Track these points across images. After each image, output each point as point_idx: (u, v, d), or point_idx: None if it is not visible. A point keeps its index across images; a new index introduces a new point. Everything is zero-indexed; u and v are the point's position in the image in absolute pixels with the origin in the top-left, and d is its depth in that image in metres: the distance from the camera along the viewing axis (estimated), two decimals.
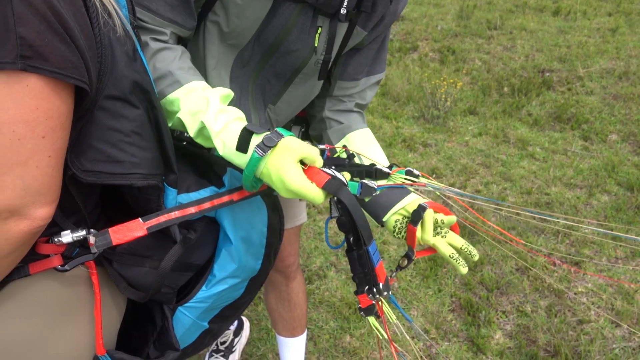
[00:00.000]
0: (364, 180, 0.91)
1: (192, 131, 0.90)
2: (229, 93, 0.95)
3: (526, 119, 3.90)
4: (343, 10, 0.99)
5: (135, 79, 0.80)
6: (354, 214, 0.83)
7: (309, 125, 1.39)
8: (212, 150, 0.95)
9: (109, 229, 0.83)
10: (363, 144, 1.20)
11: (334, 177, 0.83)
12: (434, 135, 3.78)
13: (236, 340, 2.06)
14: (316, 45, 1.05)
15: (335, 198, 0.85)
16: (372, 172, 0.99)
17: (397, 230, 1.09)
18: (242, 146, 0.84)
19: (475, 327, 2.16)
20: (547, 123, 3.81)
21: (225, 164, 0.96)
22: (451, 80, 4.28)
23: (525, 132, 3.71)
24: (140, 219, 0.85)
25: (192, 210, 0.90)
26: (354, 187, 0.90)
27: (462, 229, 2.75)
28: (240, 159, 0.85)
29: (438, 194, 1.05)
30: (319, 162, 0.85)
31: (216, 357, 2.01)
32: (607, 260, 2.51)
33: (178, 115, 0.91)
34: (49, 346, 0.83)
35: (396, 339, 2.12)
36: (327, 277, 2.46)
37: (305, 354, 1.91)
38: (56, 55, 0.64)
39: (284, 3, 0.97)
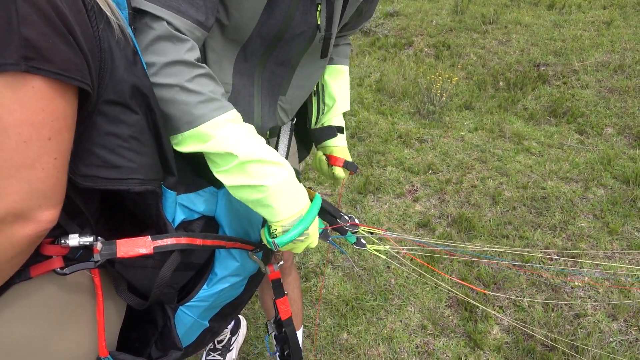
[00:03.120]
0: (360, 237, 1.23)
1: (242, 155, 0.90)
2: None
3: (522, 113, 3.89)
4: None
5: (135, 83, 0.79)
6: (292, 348, 1.21)
7: (299, 117, 1.42)
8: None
9: (117, 241, 0.84)
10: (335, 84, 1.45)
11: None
12: (429, 130, 3.77)
13: (233, 338, 2.06)
14: (319, 22, 1.05)
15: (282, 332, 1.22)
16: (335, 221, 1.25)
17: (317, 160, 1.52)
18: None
19: (472, 322, 2.16)
20: (542, 117, 3.81)
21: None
22: (446, 76, 4.27)
23: (521, 127, 3.70)
24: (149, 237, 0.86)
25: (198, 242, 0.93)
26: (352, 239, 1.23)
27: (458, 224, 2.75)
28: (300, 190, 0.96)
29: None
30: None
31: (214, 356, 2.00)
32: (603, 254, 2.51)
33: (233, 152, 0.89)
34: (52, 349, 0.83)
35: (394, 335, 2.12)
36: (324, 275, 2.46)
37: (303, 351, 1.91)
38: (60, 57, 0.64)
39: None
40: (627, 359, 1.95)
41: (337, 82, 1.44)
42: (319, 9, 1.03)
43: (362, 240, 1.25)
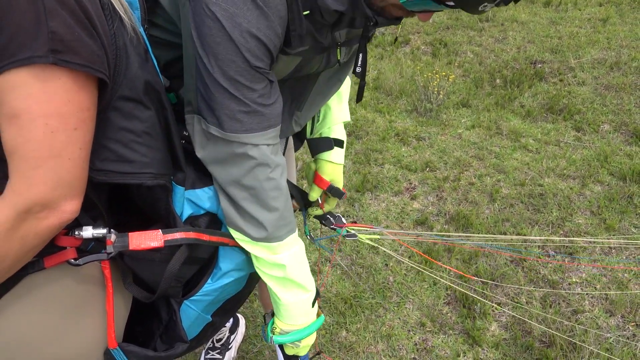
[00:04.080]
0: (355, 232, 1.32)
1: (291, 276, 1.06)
2: None
3: (519, 110, 3.90)
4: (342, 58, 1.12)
5: (148, 80, 0.81)
6: None
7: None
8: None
9: (129, 233, 0.86)
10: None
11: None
12: (427, 128, 3.78)
13: (232, 337, 2.06)
14: (339, 58, 1.11)
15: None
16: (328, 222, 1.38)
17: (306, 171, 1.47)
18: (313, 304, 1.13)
19: (470, 319, 2.17)
20: (539, 114, 3.82)
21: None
22: (443, 73, 4.27)
23: (518, 124, 3.71)
24: (160, 230, 0.89)
25: (205, 237, 0.98)
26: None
27: (456, 222, 2.75)
28: (309, 312, 1.11)
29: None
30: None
31: (213, 355, 2.00)
32: (600, 250, 2.52)
33: (284, 264, 1.03)
34: (64, 339, 0.85)
35: (392, 333, 2.13)
36: (322, 273, 2.46)
37: None
38: (85, 50, 0.65)
39: (313, 56, 1.03)
40: (624, 355, 1.96)
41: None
42: (338, 48, 1.09)
43: (352, 230, 1.32)
